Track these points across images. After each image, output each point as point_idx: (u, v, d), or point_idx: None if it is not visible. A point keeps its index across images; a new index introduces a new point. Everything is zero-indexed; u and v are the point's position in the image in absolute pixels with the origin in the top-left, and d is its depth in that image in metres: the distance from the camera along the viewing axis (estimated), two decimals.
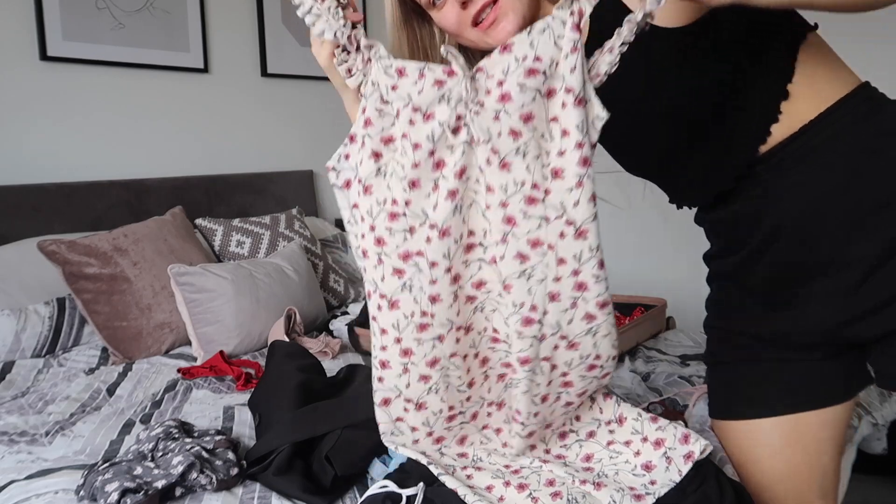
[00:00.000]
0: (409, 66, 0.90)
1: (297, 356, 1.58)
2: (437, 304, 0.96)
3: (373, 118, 0.93)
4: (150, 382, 1.77)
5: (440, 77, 0.89)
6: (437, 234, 0.92)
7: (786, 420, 1.09)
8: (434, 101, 0.89)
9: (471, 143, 0.90)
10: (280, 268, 2.19)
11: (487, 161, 0.90)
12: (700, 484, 1.00)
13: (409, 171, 0.91)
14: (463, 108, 0.89)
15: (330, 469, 1.17)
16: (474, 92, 0.88)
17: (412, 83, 0.89)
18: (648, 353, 1.93)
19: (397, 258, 0.95)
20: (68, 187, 2.32)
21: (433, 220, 0.92)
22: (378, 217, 0.95)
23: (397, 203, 0.93)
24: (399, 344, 0.99)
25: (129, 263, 2.02)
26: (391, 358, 1.01)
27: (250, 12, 2.83)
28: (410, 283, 0.96)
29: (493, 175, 0.90)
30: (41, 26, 2.26)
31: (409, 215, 0.93)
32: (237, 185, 2.77)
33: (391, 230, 0.94)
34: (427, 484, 1.01)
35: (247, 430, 1.44)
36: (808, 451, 1.10)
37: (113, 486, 1.09)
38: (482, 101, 0.88)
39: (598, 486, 1.00)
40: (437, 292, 0.95)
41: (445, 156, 0.91)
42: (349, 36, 0.92)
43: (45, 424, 1.50)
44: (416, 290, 0.96)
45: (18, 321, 1.90)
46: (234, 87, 2.82)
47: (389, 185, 0.93)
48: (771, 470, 1.11)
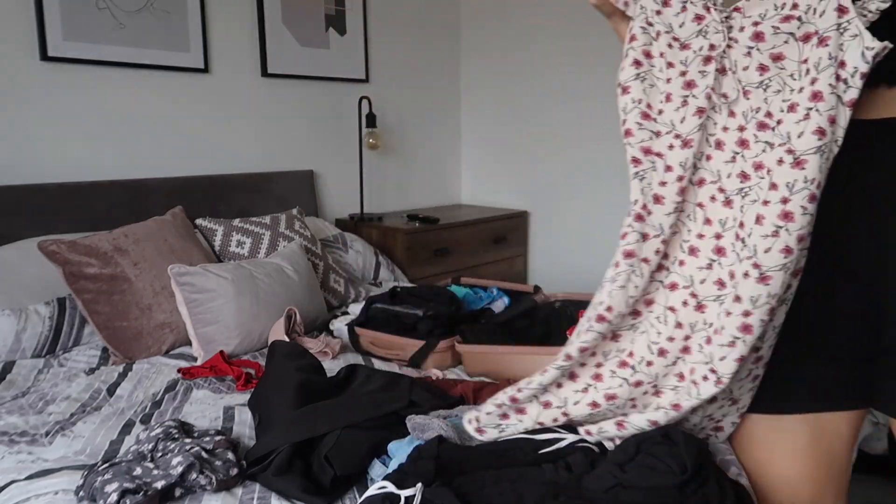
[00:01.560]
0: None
1: (297, 356, 1.58)
2: (657, 205, 1.08)
3: (637, 34, 1.10)
4: (151, 382, 1.77)
5: (700, 12, 1.04)
6: (680, 144, 1.07)
7: (812, 418, 1.09)
8: (692, 35, 1.05)
9: (721, 72, 1.04)
10: (280, 268, 2.19)
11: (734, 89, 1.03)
12: (700, 485, 1.00)
13: (663, 85, 1.08)
14: (717, 40, 1.03)
15: (329, 469, 1.17)
16: (728, 28, 1.02)
17: (674, 14, 1.06)
18: None
19: (639, 150, 1.09)
20: (68, 187, 2.32)
21: (679, 131, 1.07)
22: (631, 112, 1.10)
23: (651, 108, 1.09)
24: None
25: (130, 263, 2.02)
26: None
27: (250, 12, 2.83)
28: (643, 175, 1.09)
29: (736, 103, 1.03)
30: (41, 26, 2.26)
31: (659, 121, 1.08)
32: (237, 185, 2.78)
33: (640, 125, 1.09)
34: (425, 485, 1.02)
35: (247, 431, 1.44)
36: (830, 450, 1.10)
37: (112, 487, 1.09)
38: (735, 37, 1.02)
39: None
40: (662, 194, 1.08)
41: (696, 78, 1.06)
42: None
43: (46, 424, 1.50)
44: (645, 183, 1.09)
45: (19, 321, 1.90)
46: (234, 87, 2.82)
47: (645, 89, 1.09)
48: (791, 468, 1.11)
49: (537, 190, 3.57)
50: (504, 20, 3.56)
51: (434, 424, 1.21)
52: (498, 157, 3.72)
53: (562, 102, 3.39)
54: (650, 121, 1.09)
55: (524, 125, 3.57)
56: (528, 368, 1.75)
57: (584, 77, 3.29)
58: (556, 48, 3.37)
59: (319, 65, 3.09)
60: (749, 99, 1.02)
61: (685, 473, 1.00)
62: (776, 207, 0.97)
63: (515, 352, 1.77)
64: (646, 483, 1.01)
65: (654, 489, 1.00)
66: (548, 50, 3.40)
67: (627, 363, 1.13)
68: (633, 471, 1.03)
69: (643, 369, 1.12)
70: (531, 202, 3.61)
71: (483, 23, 3.66)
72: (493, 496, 1.02)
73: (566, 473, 1.08)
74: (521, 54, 3.51)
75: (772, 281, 0.98)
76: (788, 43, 0.98)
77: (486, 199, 3.82)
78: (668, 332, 1.10)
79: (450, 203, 3.87)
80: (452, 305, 2.06)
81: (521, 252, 3.58)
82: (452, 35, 3.74)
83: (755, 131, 1.01)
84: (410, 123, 3.58)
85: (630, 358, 1.13)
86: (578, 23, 3.26)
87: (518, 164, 3.63)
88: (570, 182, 3.43)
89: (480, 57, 3.70)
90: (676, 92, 1.07)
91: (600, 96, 3.24)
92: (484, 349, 1.82)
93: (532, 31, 3.45)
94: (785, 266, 0.98)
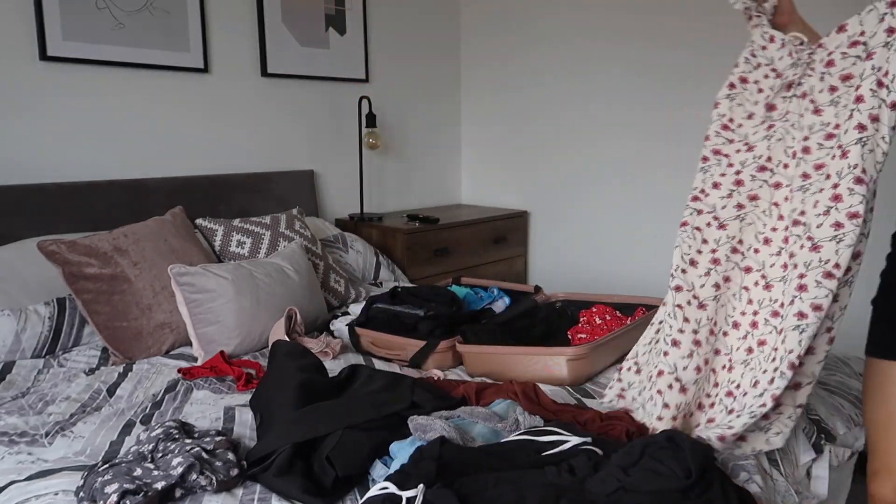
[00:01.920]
0: (777, 35, 1.33)
1: (298, 356, 1.57)
2: (714, 189, 1.39)
3: (740, 63, 1.40)
4: (151, 383, 1.76)
5: (793, 49, 1.31)
6: (746, 149, 1.37)
7: None
8: (786, 66, 1.32)
9: (801, 97, 1.29)
10: (280, 268, 2.19)
11: (807, 109, 1.28)
12: (704, 490, 0.99)
13: (750, 106, 1.37)
14: (800, 71, 1.29)
15: (331, 470, 1.16)
16: (811, 60, 1.27)
17: (776, 49, 1.33)
18: None
19: (710, 151, 1.41)
20: (68, 187, 2.32)
21: (749, 141, 1.37)
22: (714, 123, 1.41)
23: (732, 122, 1.39)
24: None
25: (130, 263, 2.01)
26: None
27: (250, 12, 2.83)
28: (706, 169, 1.41)
29: (807, 118, 1.28)
30: (41, 26, 2.25)
31: (735, 132, 1.39)
32: (237, 185, 2.77)
33: (718, 133, 1.41)
34: (427, 486, 1.01)
35: (247, 431, 1.44)
36: None
37: (112, 488, 1.08)
38: (814, 66, 1.27)
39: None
40: (720, 182, 1.39)
41: (777, 102, 1.35)
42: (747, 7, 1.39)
43: (46, 425, 1.49)
44: (707, 175, 1.41)
45: (18, 321, 1.90)
46: (234, 87, 2.82)
47: (732, 107, 1.40)
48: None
49: (537, 190, 3.57)
50: (505, 20, 3.56)
51: (436, 425, 1.21)
52: (498, 157, 3.72)
53: (562, 103, 3.39)
54: (728, 131, 1.40)
55: (524, 125, 3.57)
56: (529, 369, 1.75)
57: (584, 78, 3.28)
58: (556, 48, 3.36)
59: (319, 65, 3.08)
60: (821, 116, 1.26)
61: (689, 478, 1.00)
62: (828, 192, 1.20)
63: (516, 352, 1.77)
64: (649, 487, 1.00)
65: (658, 493, 0.99)
66: (548, 50, 3.40)
67: (714, 331, 1.39)
68: (637, 474, 1.02)
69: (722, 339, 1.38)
70: (531, 202, 3.61)
71: (483, 22, 3.66)
72: (494, 498, 1.02)
73: (569, 476, 1.07)
74: (522, 54, 3.51)
75: (822, 250, 1.19)
76: (855, 64, 1.22)
77: (486, 199, 3.82)
78: (741, 308, 1.36)
79: (450, 203, 3.87)
80: (453, 305, 2.06)
81: (521, 252, 3.58)
82: (453, 35, 3.74)
83: (821, 140, 1.25)
84: (410, 123, 3.58)
85: (715, 326, 1.39)
86: (579, 24, 3.26)
87: (518, 164, 3.63)
88: (570, 182, 3.43)
89: (481, 57, 3.70)
90: (759, 112, 1.37)
91: (601, 97, 3.24)
92: (485, 349, 1.82)
93: (532, 31, 3.45)
94: (836, 237, 1.18)
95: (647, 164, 3.14)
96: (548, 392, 1.61)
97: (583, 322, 2.12)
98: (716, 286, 1.38)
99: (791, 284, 1.24)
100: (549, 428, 1.22)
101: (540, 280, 3.63)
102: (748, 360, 1.32)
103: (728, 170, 1.38)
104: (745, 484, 1.19)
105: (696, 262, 1.40)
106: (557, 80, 3.39)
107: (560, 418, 1.35)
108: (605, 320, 2.10)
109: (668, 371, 1.36)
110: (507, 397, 1.47)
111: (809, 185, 1.25)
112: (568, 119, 3.38)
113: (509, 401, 1.41)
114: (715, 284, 1.38)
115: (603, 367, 1.82)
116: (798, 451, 1.45)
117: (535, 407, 1.44)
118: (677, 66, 2.96)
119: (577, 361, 1.71)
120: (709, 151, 1.40)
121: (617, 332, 1.84)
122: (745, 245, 1.37)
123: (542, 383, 1.68)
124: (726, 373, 1.36)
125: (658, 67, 3.02)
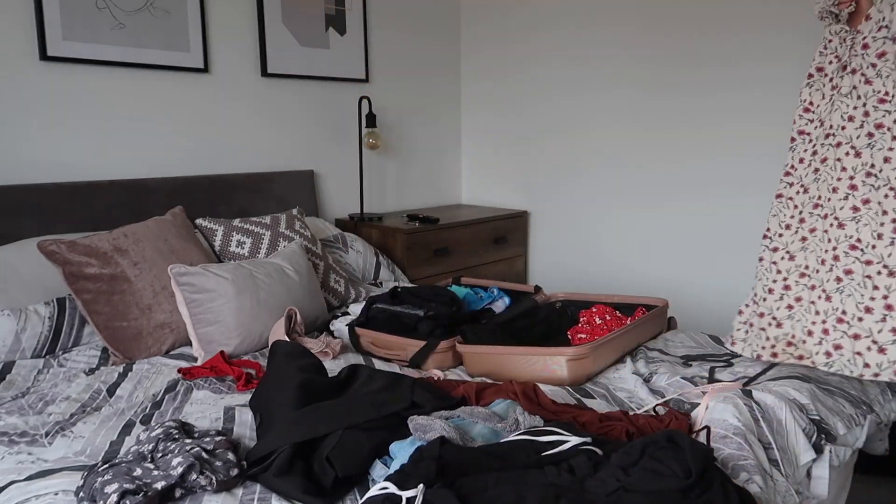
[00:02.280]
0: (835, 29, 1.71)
1: (298, 356, 1.57)
2: (801, 164, 1.77)
3: (816, 56, 1.76)
4: (151, 383, 1.76)
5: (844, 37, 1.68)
6: (819, 124, 1.74)
7: None
8: (844, 53, 1.68)
9: (852, 72, 1.66)
10: (280, 268, 2.19)
11: (860, 81, 1.64)
12: (704, 490, 0.99)
13: (825, 90, 1.73)
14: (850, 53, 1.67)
15: (331, 470, 1.16)
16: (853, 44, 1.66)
17: (840, 41, 1.70)
18: (650, 353, 1.92)
19: (796, 132, 1.79)
20: (68, 187, 2.32)
21: (819, 115, 1.74)
22: (798, 108, 1.79)
23: (812, 105, 1.76)
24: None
25: (130, 263, 2.01)
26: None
27: (250, 12, 2.83)
28: (794, 147, 1.79)
29: (861, 88, 1.64)
30: (41, 26, 2.25)
31: (814, 112, 1.75)
32: (237, 185, 2.77)
33: (801, 116, 1.78)
34: (427, 486, 1.01)
35: (247, 431, 1.44)
36: None
37: (112, 488, 1.08)
38: (856, 49, 1.65)
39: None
40: (804, 158, 1.76)
41: (837, 81, 1.70)
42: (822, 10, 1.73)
43: (45, 425, 1.49)
44: (795, 153, 1.79)
45: (18, 321, 1.90)
46: (234, 87, 2.82)
47: (811, 93, 1.76)
48: None
49: (537, 190, 3.57)
50: (504, 21, 3.56)
51: (436, 425, 1.21)
52: (498, 157, 3.72)
53: (562, 103, 3.39)
54: (809, 113, 1.77)
55: (524, 125, 3.57)
56: (529, 369, 1.75)
57: (584, 78, 3.28)
58: (556, 51, 3.36)
59: (319, 64, 3.08)
60: (872, 84, 1.63)
61: (689, 478, 1.00)
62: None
63: (516, 352, 1.77)
64: (649, 487, 1.00)
65: (658, 493, 0.99)
66: (548, 51, 3.40)
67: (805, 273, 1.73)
68: (637, 474, 1.02)
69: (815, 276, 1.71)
70: (531, 202, 3.61)
71: (483, 24, 3.66)
72: (494, 498, 1.02)
73: (569, 476, 1.07)
74: (522, 55, 3.51)
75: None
76: (886, 44, 1.61)
77: (486, 199, 3.82)
78: (824, 247, 1.68)
79: (450, 203, 3.87)
80: (453, 306, 2.06)
81: (521, 252, 3.58)
82: (453, 35, 3.74)
83: (876, 104, 1.62)
84: (410, 123, 3.58)
85: (806, 269, 1.73)
86: (579, 25, 3.26)
87: (518, 164, 3.63)
88: (570, 182, 3.43)
89: (481, 57, 3.70)
90: (826, 92, 1.72)
91: (601, 98, 3.24)
92: (485, 349, 1.82)
93: (533, 32, 3.45)
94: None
95: (647, 164, 3.14)
96: (548, 392, 1.61)
97: (583, 322, 2.12)
98: (803, 239, 1.73)
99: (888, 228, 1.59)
100: (548, 428, 1.22)
101: (540, 280, 3.63)
102: (841, 288, 1.64)
103: (808, 145, 1.75)
104: (745, 484, 1.19)
105: (790, 226, 1.77)
106: (558, 81, 3.39)
107: (560, 418, 1.35)
108: (605, 320, 2.10)
109: (766, 313, 1.77)
110: (507, 397, 1.47)
111: (874, 142, 1.61)
112: (569, 119, 3.38)
113: (509, 401, 1.41)
114: (802, 238, 1.74)
115: (603, 367, 1.82)
116: (798, 451, 1.45)
117: (534, 407, 1.44)
118: (681, 83, 2.96)
119: (577, 361, 1.71)
120: (796, 133, 1.79)
121: (617, 332, 1.84)
122: (823, 199, 1.70)
123: (541, 383, 1.68)
124: (824, 302, 1.66)
125: (664, 85, 3.02)
